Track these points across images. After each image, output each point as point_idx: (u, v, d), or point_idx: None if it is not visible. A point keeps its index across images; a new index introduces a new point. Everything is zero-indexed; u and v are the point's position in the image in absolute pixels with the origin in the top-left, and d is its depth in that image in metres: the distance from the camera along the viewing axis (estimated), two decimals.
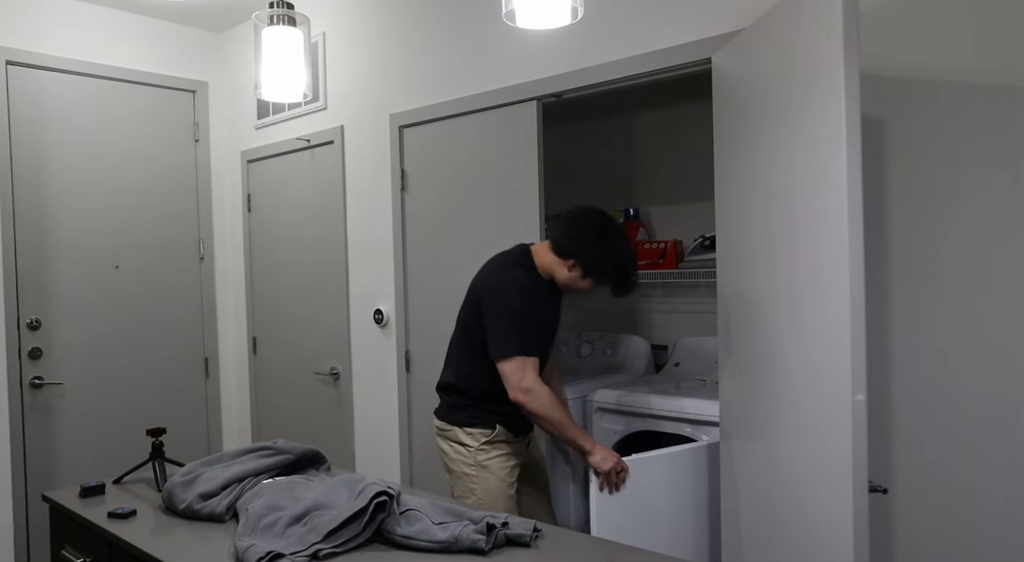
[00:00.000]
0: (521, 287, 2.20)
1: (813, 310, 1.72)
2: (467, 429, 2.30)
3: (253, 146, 3.92)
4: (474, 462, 2.28)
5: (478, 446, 2.28)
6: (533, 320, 2.21)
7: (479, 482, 2.27)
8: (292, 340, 3.77)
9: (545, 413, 2.14)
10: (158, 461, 2.09)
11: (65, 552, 1.93)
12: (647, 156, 3.45)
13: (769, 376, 1.91)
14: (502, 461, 2.28)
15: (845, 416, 1.60)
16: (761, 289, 1.98)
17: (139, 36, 3.76)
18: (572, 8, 1.67)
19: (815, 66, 1.69)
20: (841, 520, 1.62)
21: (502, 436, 2.29)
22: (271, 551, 1.44)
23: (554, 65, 2.65)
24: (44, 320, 3.45)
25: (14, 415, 3.31)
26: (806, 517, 1.76)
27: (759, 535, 2.04)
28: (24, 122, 3.41)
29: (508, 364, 2.15)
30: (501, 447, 2.29)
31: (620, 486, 2.11)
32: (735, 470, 2.12)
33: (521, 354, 2.15)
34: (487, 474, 2.27)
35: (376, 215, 3.32)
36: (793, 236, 1.80)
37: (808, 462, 1.75)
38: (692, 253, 3.12)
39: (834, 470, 1.64)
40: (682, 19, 2.32)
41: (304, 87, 2.08)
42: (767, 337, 1.93)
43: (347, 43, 3.41)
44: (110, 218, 3.66)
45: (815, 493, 1.72)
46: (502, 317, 2.19)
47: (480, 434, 2.29)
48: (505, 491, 2.27)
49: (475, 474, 2.28)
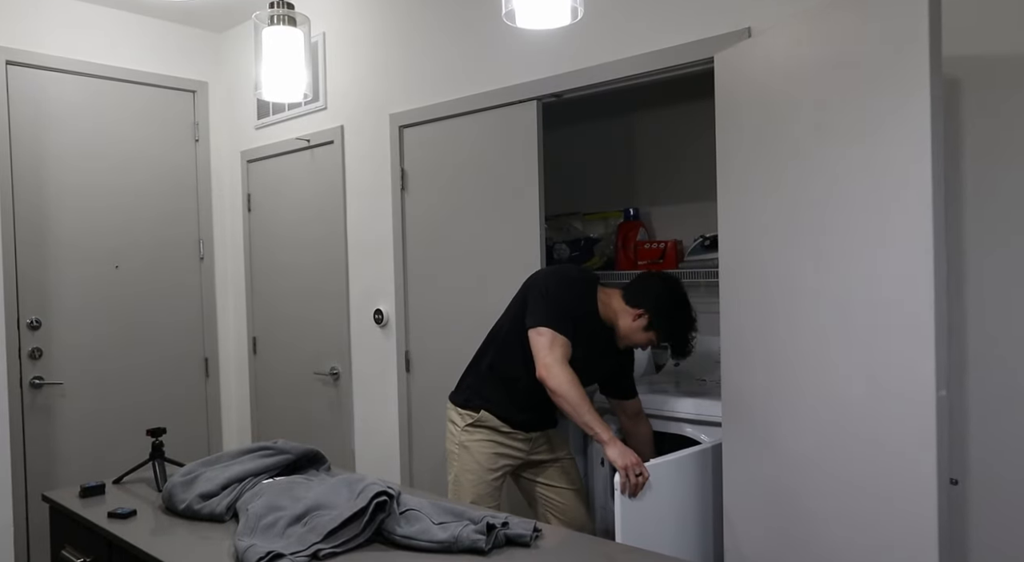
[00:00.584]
0: (567, 277, 2.34)
1: (876, 308, 1.71)
2: (459, 409, 2.43)
3: (253, 146, 3.92)
4: (458, 441, 2.41)
5: (463, 426, 2.40)
6: (571, 315, 2.27)
7: (458, 461, 2.40)
8: (292, 340, 3.77)
9: (564, 391, 2.17)
10: (158, 461, 2.09)
11: (65, 552, 1.93)
12: (647, 156, 3.45)
13: (804, 376, 1.90)
14: (484, 447, 2.37)
15: (927, 412, 1.62)
16: (783, 289, 1.97)
17: (139, 36, 3.76)
18: (572, 8, 1.67)
19: (883, 62, 1.68)
20: (915, 516, 1.64)
21: (488, 422, 2.37)
22: (271, 551, 1.44)
23: (554, 65, 2.65)
24: (44, 320, 3.45)
25: (14, 415, 3.31)
26: (852, 515, 1.77)
27: (765, 536, 2.04)
28: (24, 122, 3.41)
29: (538, 335, 2.22)
30: (485, 433, 2.38)
31: (638, 490, 2.06)
32: (742, 471, 2.12)
33: (552, 327, 2.22)
34: (467, 455, 2.38)
35: (376, 215, 3.32)
36: (850, 235, 1.78)
37: (865, 459, 1.75)
38: (692, 253, 3.12)
39: (904, 466, 1.66)
40: (682, 19, 2.32)
41: (304, 87, 2.08)
42: (794, 338, 1.92)
43: (347, 43, 3.41)
44: (110, 218, 3.66)
45: (876, 491, 1.73)
46: (541, 293, 2.29)
47: (467, 415, 2.40)
48: (483, 475, 2.36)
49: (457, 452, 2.41)
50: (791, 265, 1.93)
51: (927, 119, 1.61)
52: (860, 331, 1.76)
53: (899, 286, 1.68)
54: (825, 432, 1.85)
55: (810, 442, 1.89)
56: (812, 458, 1.89)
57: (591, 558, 1.50)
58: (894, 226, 1.68)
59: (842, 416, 1.80)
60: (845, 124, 1.79)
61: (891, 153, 1.69)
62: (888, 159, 1.70)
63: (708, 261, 2.99)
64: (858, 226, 1.76)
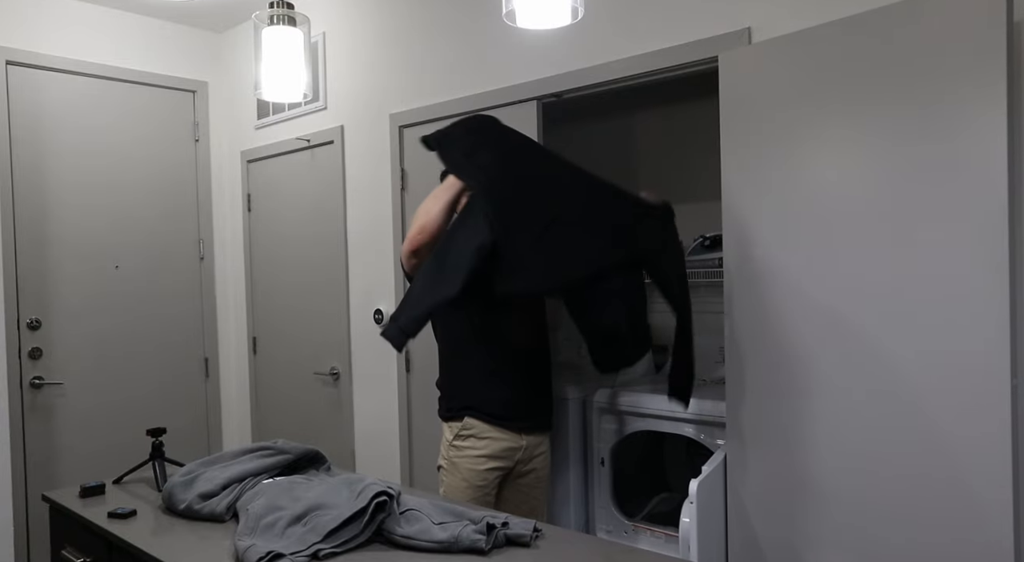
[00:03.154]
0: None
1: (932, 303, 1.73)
2: (446, 424, 2.28)
3: (253, 146, 3.92)
4: (446, 457, 2.25)
5: (451, 441, 2.24)
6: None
7: (447, 477, 2.24)
8: (292, 340, 3.77)
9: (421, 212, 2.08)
10: (158, 461, 2.09)
11: (65, 552, 1.93)
12: (647, 156, 3.45)
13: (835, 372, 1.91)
14: (471, 462, 2.19)
15: (1001, 401, 1.65)
16: (791, 287, 1.97)
17: (139, 36, 3.76)
18: (572, 8, 1.67)
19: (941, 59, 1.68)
20: (991, 505, 1.67)
21: (473, 428, 2.20)
22: (271, 551, 1.44)
23: (554, 65, 2.65)
24: (44, 320, 3.45)
25: (14, 415, 3.31)
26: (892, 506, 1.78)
27: (777, 537, 2.04)
28: (24, 122, 3.41)
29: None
30: (472, 441, 2.20)
31: None
32: (745, 470, 2.11)
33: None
34: (454, 471, 2.21)
35: (376, 215, 3.31)
36: (906, 228, 1.79)
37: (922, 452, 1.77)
38: (692, 253, 3.11)
39: (973, 456, 1.69)
40: (682, 19, 2.32)
41: (304, 87, 2.08)
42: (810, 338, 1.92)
43: (347, 43, 3.41)
44: (110, 218, 3.66)
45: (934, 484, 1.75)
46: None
47: (453, 427, 2.24)
48: (471, 493, 2.18)
49: (447, 468, 2.25)
50: (843, 258, 1.91)
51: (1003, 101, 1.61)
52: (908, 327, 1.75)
53: (958, 280, 1.69)
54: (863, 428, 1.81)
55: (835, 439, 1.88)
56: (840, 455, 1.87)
57: (590, 558, 1.50)
58: (975, 219, 1.69)
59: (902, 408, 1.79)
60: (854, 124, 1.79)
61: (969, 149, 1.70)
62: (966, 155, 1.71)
63: (708, 261, 2.99)
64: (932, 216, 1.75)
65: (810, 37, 1.93)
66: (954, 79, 1.70)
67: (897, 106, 1.79)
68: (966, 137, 1.69)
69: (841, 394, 1.89)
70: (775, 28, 2.11)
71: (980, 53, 1.65)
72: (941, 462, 1.74)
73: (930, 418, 1.75)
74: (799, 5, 2.07)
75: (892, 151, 1.80)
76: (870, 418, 1.85)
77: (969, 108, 1.68)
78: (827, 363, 1.91)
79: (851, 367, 1.87)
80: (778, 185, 2.00)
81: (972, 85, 1.67)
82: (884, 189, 1.81)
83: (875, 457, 1.84)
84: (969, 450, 1.70)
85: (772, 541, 2.03)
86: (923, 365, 1.76)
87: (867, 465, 1.85)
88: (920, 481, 1.78)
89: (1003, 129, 1.64)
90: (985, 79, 1.66)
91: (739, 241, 2.11)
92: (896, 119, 1.79)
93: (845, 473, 1.90)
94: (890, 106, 1.80)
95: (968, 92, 1.68)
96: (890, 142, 1.80)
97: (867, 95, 1.83)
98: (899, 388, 1.80)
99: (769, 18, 2.13)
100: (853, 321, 1.86)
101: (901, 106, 1.78)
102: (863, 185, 1.84)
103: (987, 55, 1.64)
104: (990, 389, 1.66)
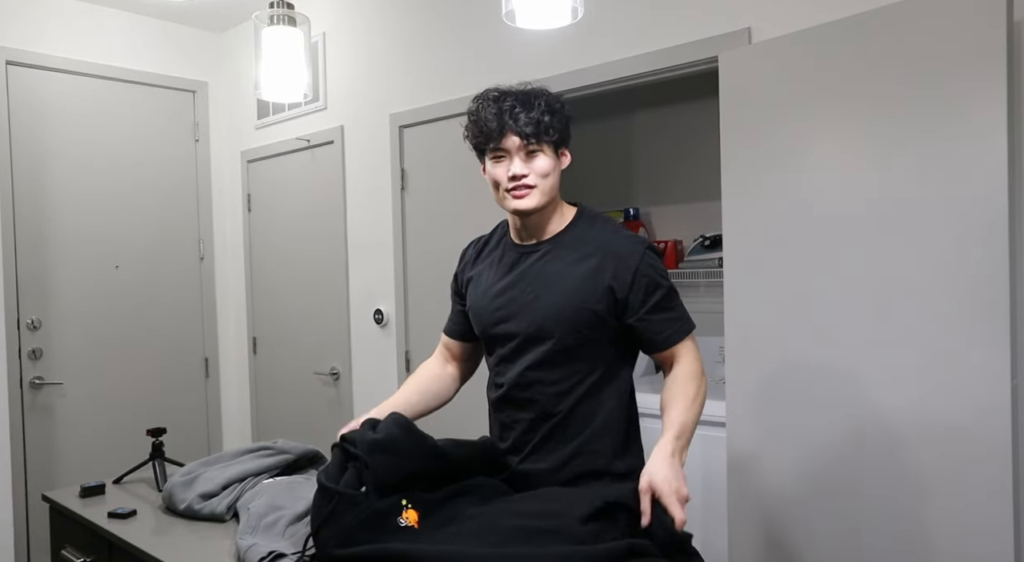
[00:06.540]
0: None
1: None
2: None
3: (253, 146, 3.92)
4: None
5: None
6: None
7: None
8: (292, 340, 3.77)
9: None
10: (158, 461, 2.09)
11: (65, 552, 1.93)
12: (647, 156, 3.45)
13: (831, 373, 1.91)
14: None
15: (1002, 402, 1.67)
16: (790, 286, 1.97)
17: (139, 36, 3.76)
18: (572, 8, 1.67)
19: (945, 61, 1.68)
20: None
21: None
22: (273, 551, 1.44)
23: (554, 65, 2.65)
24: (44, 320, 3.45)
25: (14, 415, 3.31)
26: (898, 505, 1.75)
27: (770, 535, 2.04)
28: (24, 122, 3.41)
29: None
30: None
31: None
32: (746, 469, 2.12)
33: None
34: None
35: (376, 215, 3.32)
36: (917, 230, 1.79)
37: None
38: (692, 253, 3.12)
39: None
40: (682, 19, 2.32)
41: (304, 87, 2.08)
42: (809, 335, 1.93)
43: (347, 43, 3.41)
44: (110, 218, 3.66)
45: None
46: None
47: None
48: None
49: None
50: (814, 261, 1.93)
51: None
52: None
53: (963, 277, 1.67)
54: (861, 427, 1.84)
55: (833, 439, 1.89)
56: (838, 455, 1.88)
57: None
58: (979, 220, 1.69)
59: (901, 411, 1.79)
60: (854, 123, 1.79)
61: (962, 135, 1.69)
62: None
63: (708, 261, 2.99)
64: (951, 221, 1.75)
65: (810, 37, 1.93)
66: (954, 79, 1.70)
67: (897, 106, 1.79)
68: (966, 137, 1.69)
69: (841, 393, 1.90)
70: (775, 28, 2.11)
71: (980, 53, 1.66)
72: (941, 462, 1.74)
73: (930, 417, 1.76)
74: (799, 5, 2.07)
75: (892, 151, 1.80)
76: (870, 418, 1.85)
77: (969, 108, 1.68)
78: (827, 363, 1.92)
79: (851, 367, 1.88)
80: (778, 185, 2.01)
81: (972, 85, 1.68)
82: (884, 188, 1.81)
83: (875, 455, 1.84)
84: (969, 450, 1.70)
85: (773, 540, 2.04)
86: (923, 364, 1.76)
87: (867, 462, 1.85)
88: (920, 481, 1.78)
89: (1003, 129, 1.64)
90: (985, 79, 1.66)
91: (739, 241, 2.11)
92: (896, 119, 1.79)
93: (845, 472, 1.90)
94: (890, 106, 1.80)
95: (968, 92, 1.68)
96: (890, 142, 1.80)
97: (867, 95, 1.83)
98: (899, 388, 1.80)
99: (769, 18, 2.13)
100: (853, 320, 1.87)
101: (901, 106, 1.79)
102: (863, 185, 1.85)
103: (987, 55, 1.65)
104: (990, 389, 1.66)
